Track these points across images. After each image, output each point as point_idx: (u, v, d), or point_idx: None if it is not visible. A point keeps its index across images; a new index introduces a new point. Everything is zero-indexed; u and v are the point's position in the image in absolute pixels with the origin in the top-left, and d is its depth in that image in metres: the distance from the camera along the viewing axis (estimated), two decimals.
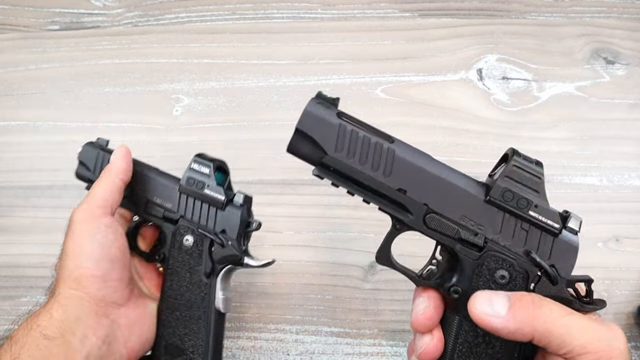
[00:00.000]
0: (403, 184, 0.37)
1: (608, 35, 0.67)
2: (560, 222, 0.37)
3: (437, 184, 0.37)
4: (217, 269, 0.44)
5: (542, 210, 0.37)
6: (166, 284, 0.44)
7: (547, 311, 0.33)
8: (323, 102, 0.38)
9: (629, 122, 0.63)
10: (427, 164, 0.38)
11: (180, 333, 0.43)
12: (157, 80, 0.68)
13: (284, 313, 0.58)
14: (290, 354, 0.56)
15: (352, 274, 0.59)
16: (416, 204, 0.38)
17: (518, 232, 0.37)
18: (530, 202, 0.37)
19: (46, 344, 0.36)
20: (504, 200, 0.37)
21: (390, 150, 0.37)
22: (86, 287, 0.39)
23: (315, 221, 0.61)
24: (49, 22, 0.72)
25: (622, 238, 0.59)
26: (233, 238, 0.44)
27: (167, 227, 0.45)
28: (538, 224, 0.37)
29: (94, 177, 0.45)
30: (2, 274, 0.61)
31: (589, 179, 0.61)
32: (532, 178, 0.37)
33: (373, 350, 0.56)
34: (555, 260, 0.37)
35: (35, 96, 0.68)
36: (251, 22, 0.70)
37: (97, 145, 0.48)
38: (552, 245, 0.37)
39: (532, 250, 0.37)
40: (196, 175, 0.45)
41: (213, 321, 0.43)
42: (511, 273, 0.37)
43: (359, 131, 0.37)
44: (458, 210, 0.38)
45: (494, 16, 0.69)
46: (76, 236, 0.40)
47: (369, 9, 0.70)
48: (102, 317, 0.39)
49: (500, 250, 0.37)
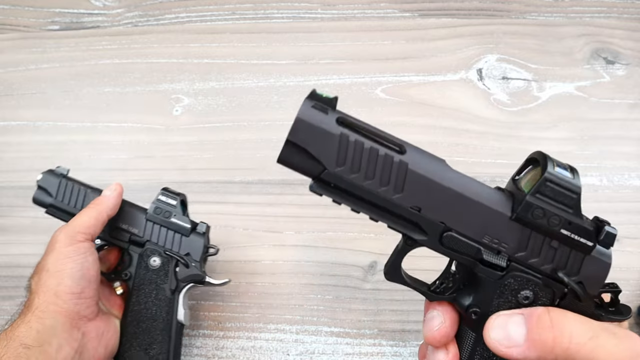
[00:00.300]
0: (417, 202, 0.33)
1: (608, 35, 0.67)
2: (594, 238, 0.33)
3: (456, 201, 0.33)
4: (181, 287, 0.50)
5: (576, 228, 0.33)
6: (132, 300, 0.49)
7: (568, 334, 0.31)
8: (319, 105, 0.32)
9: (629, 122, 0.63)
10: (445, 177, 0.33)
11: (145, 343, 0.48)
12: (157, 80, 0.68)
13: (284, 313, 0.58)
14: (290, 354, 0.56)
15: (352, 274, 0.59)
16: (432, 222, 0.34)
17: (546, 249, 0.33)
18: (563, 219, 0.32)
19: (26, 352, 0.39)
20: (533, 218, 0.33)
21: (402, 164, 0.32)
22: (65, 302, 0.43)
23: (315, 221, 0.61)
24: (49, 22, 0.72)
25: (622, 238, 0.59)
26: (197, 260, 0.51)
27: (133, 249, 0.51)
28: (569, 242, 0.33)
29: (56, 202, 0.51)
30: (2, 274, 0.61)
31: (589, 179, 0.61)
32: (567, 194, 0.32)
33: (373, 350, 0.56)
34: (584, 276, 0.33)
35: (35, 96, 0.68)
36: (251, 22, 0.70)
37: (59, 173, 0.53)
38: (582, 261, 0.33)
39: (560, 266, 0.33)
40: (163, 206, 0.51)
41: (174, 332, 0.49)
42: (536, 293, 0.34)
43: (365, 141, 0.32)
44: (479, 228, 0.34)
45: (494, 16, 0.69)
46: (60, 256, 0.44)
47: (369, 9, 0.70)
48: (75, 330, 0.43)
49: (524, 269, 0.34)
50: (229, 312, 0.58)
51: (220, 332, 0.57)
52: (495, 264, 0.34)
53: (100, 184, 0.62)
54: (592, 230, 0.33)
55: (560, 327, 0.31)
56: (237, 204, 0.62)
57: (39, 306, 0.42)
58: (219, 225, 0.61)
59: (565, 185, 0.32)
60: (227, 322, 0.58)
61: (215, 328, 0.58)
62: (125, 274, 0.50)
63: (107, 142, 0.66)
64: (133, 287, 0.50)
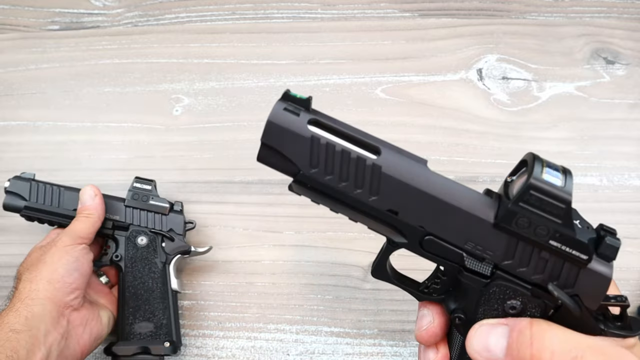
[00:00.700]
0: (393, 205, 0.32)
1: (608, 35, 0.67)
2: (589, 251, 0.30)
3: (434, 205, 0.31)
4: (170, 259, 0.56)
5: (567, 240, 0.30)
6: (128, 277, 0.55)
7: (549, 353, 0.29)
8: (291, 107, 0.32)
9: (629, 122, 0.63)
10: (421, 181, 0.31)
11: (148, 312, 0.54)
12: (157, 80, 0.68)
13: (284, 313, 0.58)
14: (290, 354, 0.56)
15: (352, 274, 0.59)
16: (410, 226, 0.32)
17: (536, 259, 0.31)
18: (552, 230, 0.29)
19: (16, 337, 0.43)
20: (517, 228, 0.30)
21: (375, 167, 0.31)
22: (56, 289, 0.47)
23: (315, 221, 0.61)
24: (49, 22, 0.72)
25: (622, 238, 0.58)
26: (180, 234, 0.56)
27: (119, 233, 0.56)
28: (560, 254, 0.30)
29: (30, 203, 0.55)
30: (2, 274, 0.61)
31: (589, 179, 0.61)
32: (554, 203, 0.29)
33: (373, 350, 0.56)
34: (580, 289, 0.30)
35: (35, 96, 0.68)
36: (251, 22, 0.70)
37: (26, 178, 0.56)
38: (578, 274, 0.30)
39: (553, 277, 0.31)
40: (140, 191, 0.57)
41: (171, 298, 0.55)
42: (524, 303, 0.32)
43: (336, 144, 0.31)
44: (461, 233, 0.32)
45: (494, 16, 0.69)
46: (59, 251, 0.49)
47: (369, 9, 0.70)
48: (61, 317, 0.47)
49: (511, 278, 0.32)
50: (229, 312, 0.58)
51: (220, 332, 0.57)
52: (478, 271, 0.32)
53: (100, 184, 0.62)
54: (587, 243, 0.30)
55: (540, 344, 0.29)
56: (237, 204, 0.62)
57: (29, 294, 0.46)
58: (219, 225, 0.61)
59: (551, 193, 0.29)
60: (227, 322, 0.58)
61: (215, 328, 0.58)
62: (116, 256, 0.55)
63: (107, 142, 0.66)
64: (126, 266, 0.55)
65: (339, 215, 0.62)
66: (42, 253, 0.50)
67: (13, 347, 0.42)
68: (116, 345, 0.53)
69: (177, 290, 0.56)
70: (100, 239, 0.57)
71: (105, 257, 0.56)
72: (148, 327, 0.53)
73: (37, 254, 0.51)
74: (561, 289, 0.30)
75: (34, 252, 0.52)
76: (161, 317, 0.54)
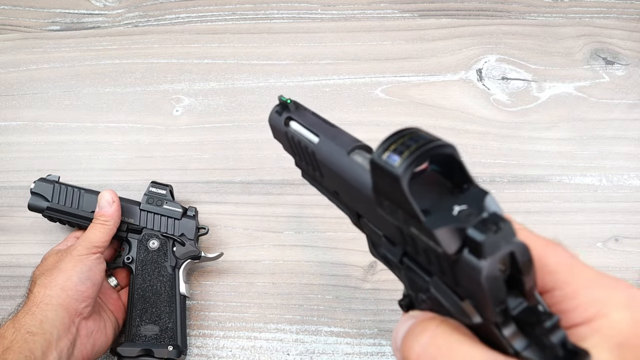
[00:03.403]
0: (333, 186, 0.34)
1: (607, 35, 0.67)
2: (437, 240, 0.23)
3: (348, 187, 0.31)
4: (180, 263, 0.56)
5: (420, 227, 0.24)
6: (137, 279, 0.55)
7: (414, 356, 0.24)
8: (277, 108, 0.37)
9: (629, 122, 0.64)
10: (338, 164, 0.31)
11: (154, 315, 0.54)
12: (158, 81, 0.68)
13: (284, 313, 0.58)
14: (290, 353, 0.56)
15: (352, 274, 0.59)
16: (349, 208, 0.33)
17: (421, 248, 0.26)
18: (404, 215, 0.25)
19: (32, 338, 0.45)
20: (386, 211, 0.27)
21: (312, 152, 0.34)
22: (69, 296, 0.48)
23: (315, 221, 0.61)
24: (50, 23, 0.72)
25: (622, 238, 0.59)
26: (191, 239, 0.57)
27: (132, 236, 0.57)
28: (425, 245, 0.25)
29: (52, 204, 0.56)
30: (2, 274, 0.61)
31: (589, 178, 0.61)
32: (390, 183, 0.24)
33: (373, 350, 0.56)
34: (464, 289, 0.24)
35: (35, 96, 0.68)
36: (251, 23, 0.70)
37: (51, 180, 0.58)
38: (455, 271, 0.24)
39: (443, 272, 0.25)
40: (154, 196, 0.58)
41: (179, 303, 0.55)
42: (430, 299, 0.27)
43: (294, 135, 0.35)
44: (371, 216, 0.30)
45: (494, 16, 0.69)
46: (74, 260, 0.50)
47: (369, 9, 0.70)
48: (72, 324, 0.48)
49: (414, 268, 0.28)
50: (229, 312, 0.58)
51: (220, 332, 0.57)
52: (389, 258, 0.30)
53: (100, 184, 0.62)
54: (431, 230, 0.23)
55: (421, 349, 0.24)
56: (237, 204, 0.62)
57: (44, 299, 0.48)
58: (219, 225, 0.61)
59: (384, 169, 0.24)
60: (227, 322, 0.58)
61: (215, 328, 0.58)
62: (128, 258, 0.56)
63: (107, 142, 0.66)
64: (136, 269, 0.56)
65: (338, 215, 0.63)
66: (57, 259, 0.51)
67: (30, 348, 0.44)
68: (121, 346, 0.53)
69: (185, 295, 0.56)
70: (116, 241, 0.58)
71: (118, 259, 0.57)
72: (153, 330, 0.54)
73: (53, 260, 0.52)
74: (450, 287, 0.25)
75: (50, 257, 0.53)
76: (167, 321, 0.54)
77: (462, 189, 0.25)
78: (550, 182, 0.61)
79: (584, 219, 0.60)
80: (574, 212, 0.60)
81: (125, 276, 0.58)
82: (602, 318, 0.23)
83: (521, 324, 0.23)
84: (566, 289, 0.25)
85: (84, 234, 0.53)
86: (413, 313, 0.28)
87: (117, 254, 0.58)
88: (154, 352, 0.53)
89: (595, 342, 0.22)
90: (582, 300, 0.24)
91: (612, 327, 0.23)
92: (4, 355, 0.43)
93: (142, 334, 0.53)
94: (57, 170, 0.64)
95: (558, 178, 0.62)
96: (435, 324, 0.25)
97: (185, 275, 0.57)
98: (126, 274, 0.59)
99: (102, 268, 0.52)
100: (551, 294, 0.25)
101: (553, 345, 0.22)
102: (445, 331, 0.24)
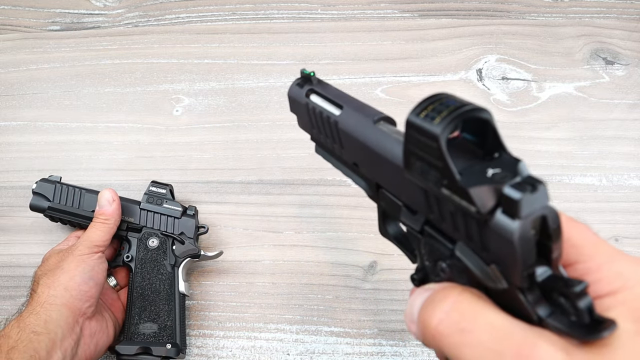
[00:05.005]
0: (354, 158, 0.34)
1: (607, 35, 0.67)
2: (473, 200, 0.23)
3: (372, 157, 0.31)
4: (179, 262, 0.56)
5: (454, 187, 0.24)
6: (137, 278, 0.55)
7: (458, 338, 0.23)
8: (298, 81, 0.38)
9: (629, 122, 0.64)
10: (364, 134, 0.31)
11: (153, 313, 0.54)
12: (158, 81, 0.68)
13: (284, 313, 0.58)
14: (290, 353, 0.56)
15: (352, 274, 0.59)
16: (368, 180, 0.33)
17: (448, 212, 0.26)
18: (437, 176, 0.25)
19: (37, 338, 0.45)
20: (416, 175, 0.26)
21: (335, 123, 0.34)
22: (72, 296, 0.48)
23: (315, 221, 0.61)
24: (50, 23, 0.72)
25: (622, 238, 0.59)
26: (191, 237, 0.57)
27: (132, 235, 0.57)
28: (456, 206, 0.24)
29: (54, 204, 0.57)
30: (2, 274, 0.61)
31: (589, 178, 0.61)
32: (427, 142, 0.25)
33: (373, 350, 0.56)
34: (493, 255, 0.23)
35: (35, 96, 0.68)
36: (251, 23, 0.70)
37: (52, 180, 0.58)
38: (484, 233, 0.24)
39: (469, 237, 0.25)
40: (155, 195, 0.58)
41: (178, 302, 0.55)
42: (451, 267, 0.27)
43: (316, 106, 0.36)
44: (393, 185, 0.30)
45: (494, 16, 0.69)
46: (76, 260, 0.51)
47: (369, 9, 0.70)
48: (75, 324, 0.48)
49: (437, 236, 0.27)
50: (229, 312, 0.58)
51: (220, 332, 0.57)
52: (411, 226, 0.29)
53: (100, 184, 0.62)
54: (466, 189, 0.23)
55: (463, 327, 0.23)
56: (237, 204, 0.62)
57: (48, 299, 0.48)
58: (219, 225, 0.61)
59: (421, 129, 0.25)
60: (227, 322, 0.58)
61: (215, 328, 0.58)
62: (127, 257, 0.56)
63: (107, 142, 0.66)
64: (136, 267, 0.56)
65: (339, 215, 0.63)
66: (59, 259, 0.51)
67: (35, 348, 0.44)
68: (119, 344, 0.53)
69: (184, 294, 0.56)
70: (116, 241, 0.58)
71: (118, 257, 0.57)
72: (152, 328, 0.54)
73: (55, 260, 0.52)
74: (476, 253, 0.24)
75: (51, 257, 0.53)
76: (165, 319, 0.54)
77: (494, 157, 0.26)
78: (550, 182, 0.61)
79: (584, 219, 0.60)
80: (574, 212, 0.60)
81: (124, 276, 0.58)
82: (628, 290, 0.23)
83: (546, 291, 0.23)
84: (590, 262, 0.25)
85: (84, 233, 0.53)
86: (429, 285, 0.28)
87: (117, 253, 0.58)
88: (152, 350, 0.53)
89: (620, 313, 0.22)
90: (606, 274, 0.24)
91: (638, 299, 0.23)
92: (9, 355, 0.43)
93: (140, 332, 0.53)
94: (57, 170, 0.64)
95: (558, 178, 0.62)
96: (457, 292, 0.25)
97: (185, 274, 0.57)
98: (125, 274, 0.59)
99: (104, 267, 0.52)
100: (574, 267, 0.25)
101: (581, 311, 0.21)
102: (467, 298, 0.25)
